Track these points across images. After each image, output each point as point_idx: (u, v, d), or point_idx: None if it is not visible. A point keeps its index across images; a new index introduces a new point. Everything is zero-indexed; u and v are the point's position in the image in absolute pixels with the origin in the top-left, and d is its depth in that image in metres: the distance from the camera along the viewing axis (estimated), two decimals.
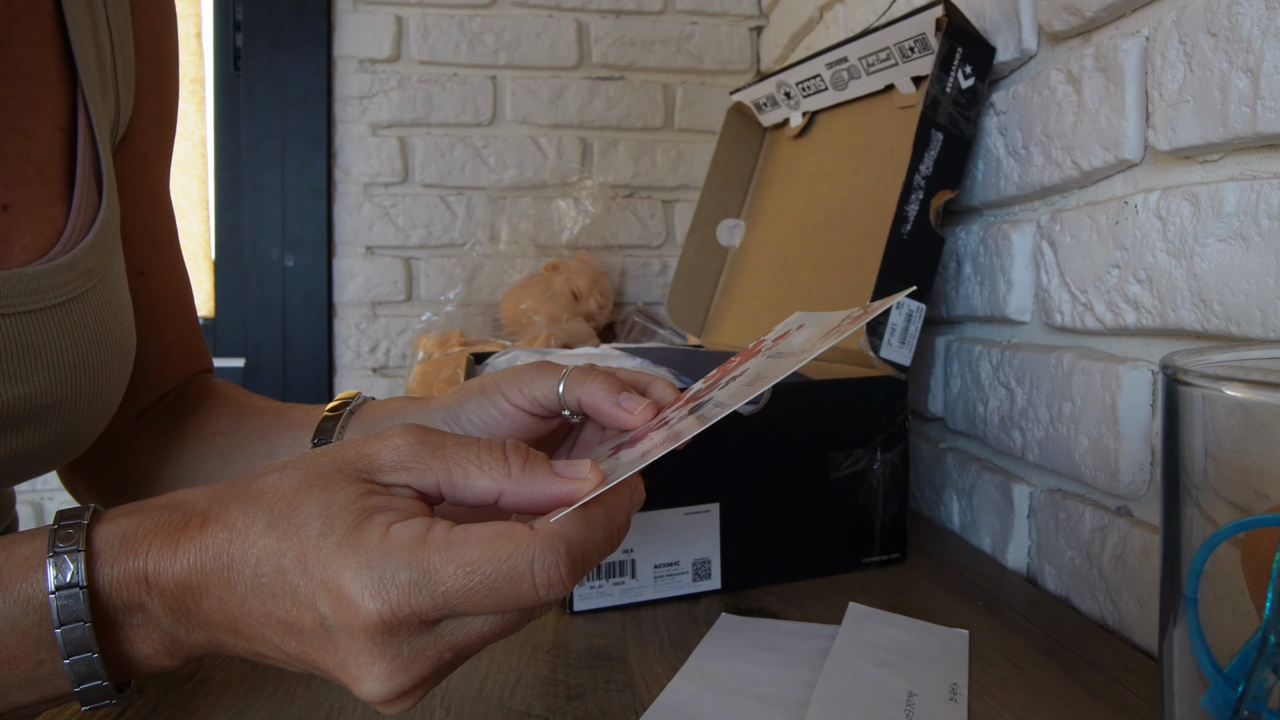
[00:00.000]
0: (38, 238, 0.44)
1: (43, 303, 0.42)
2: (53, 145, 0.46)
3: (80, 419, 0.45)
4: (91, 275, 0.45)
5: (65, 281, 0.43)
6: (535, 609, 0.31)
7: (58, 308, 0.43)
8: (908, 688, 0.44)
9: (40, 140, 0.45)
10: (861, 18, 1.00)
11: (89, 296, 0.45)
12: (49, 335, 0.42)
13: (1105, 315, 0.56)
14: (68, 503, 1.55)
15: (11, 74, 0.44)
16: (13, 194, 0.43)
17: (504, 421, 0.44)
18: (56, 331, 0.43)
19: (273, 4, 1.40)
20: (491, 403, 0.44)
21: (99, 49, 0.49)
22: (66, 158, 0.46)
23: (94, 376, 0.45)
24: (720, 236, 0.99)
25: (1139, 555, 0.53)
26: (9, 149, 0.43)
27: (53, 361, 0.42)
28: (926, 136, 0.66)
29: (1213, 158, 0.48)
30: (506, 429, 0.44)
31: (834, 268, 0.78)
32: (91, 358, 0.45)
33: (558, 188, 1.47)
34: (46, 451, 0.44)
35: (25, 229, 0.43)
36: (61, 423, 0.44)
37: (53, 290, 0.42)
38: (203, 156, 1.45)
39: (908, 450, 0.64)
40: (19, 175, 0.44)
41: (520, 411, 0.44)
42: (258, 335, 1.44)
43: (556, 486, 0.33)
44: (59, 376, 0.43)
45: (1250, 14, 0.44)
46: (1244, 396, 0.26)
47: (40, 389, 0.42)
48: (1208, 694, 0.27)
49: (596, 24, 1.48)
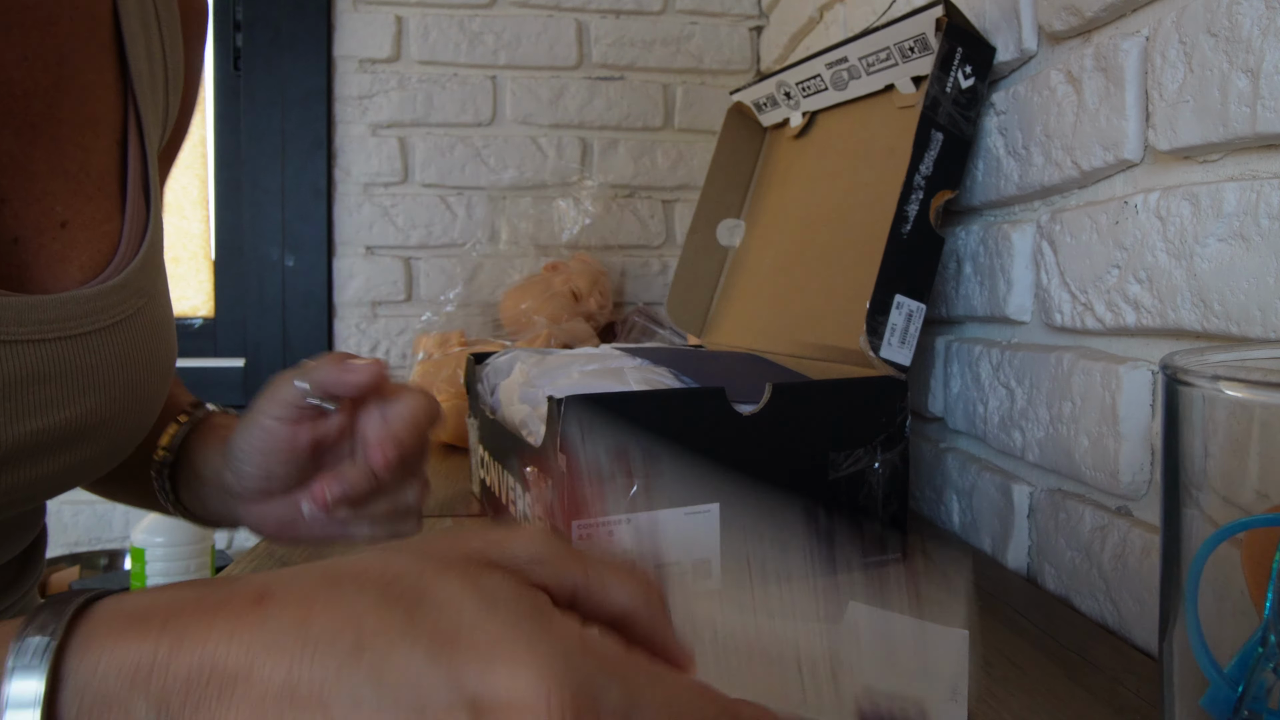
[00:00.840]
0: (94, 255, 0.43)
1: (98, 324, 0.41)
2: (110, 159, 0.45)
3: (124, 434, 0.45)
4: (143, 294, 0.45)
5: (120, 301, 0.43)
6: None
7: (111, 328, 0.42)
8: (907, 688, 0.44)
9: (98, 154, 0.45)
10: (861, 18, 1.00)
11: (140, 315, 0.44)
12: (101, 356, 0.42)
13: (1105, 315, 0.56)
14: (68, 502, 1.54)
15: (71, 87, 0.43)
16: (71, 210, 0.43)
17: (266, 438, 0.44)
18: (109, 351, 0.42)
19: (273, 4, 1.40)
20: (254, 424, 0.45)
21: (151, 61, 0.49)
22: (120, 170, 0.46)
23: (142, 392, 0.45)
24: (720, 236, 0.99)
25: (1139, 555, 0.53)
26: (70, 165, 0.43)
27: (104, 381, 0.42)
28: (926, 136, 0.66)
29: (1213, 158, 0.48)
30: (270, 444, 0.44)
31: (834, 268, 0.78)
32: (140, 375, 0.45)
33: (558, 188, 1.47)
34: (88, 466, 0.44)
35: (82, 246, 0.43)
36: (107, 439, 0.44)
37: (107, 311, 0.42)
38: (203, 156, 1.45)
39: (908, 450, 0.64)
40: (79, 191, 0.43)
41: (276, 422, 0.44)
42: (258, 335, 1.43)
43: (673, 639, 0.28)
44: (110, 395, 0.42)
45: (1250, 14, 0.44)
46: (1244, 396, 0.26)
47: (91, 409, 0.42)
48: (1208, 694, 0.27)
49: (596, 24, 1.48)
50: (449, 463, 1.06)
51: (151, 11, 0.49)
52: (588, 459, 0.55)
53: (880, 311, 0.64)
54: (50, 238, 0.42)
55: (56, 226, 0.42)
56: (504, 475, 0.70)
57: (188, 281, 1.48)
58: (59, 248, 0.42)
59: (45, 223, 0.42)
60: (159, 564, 1.25)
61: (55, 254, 0.42)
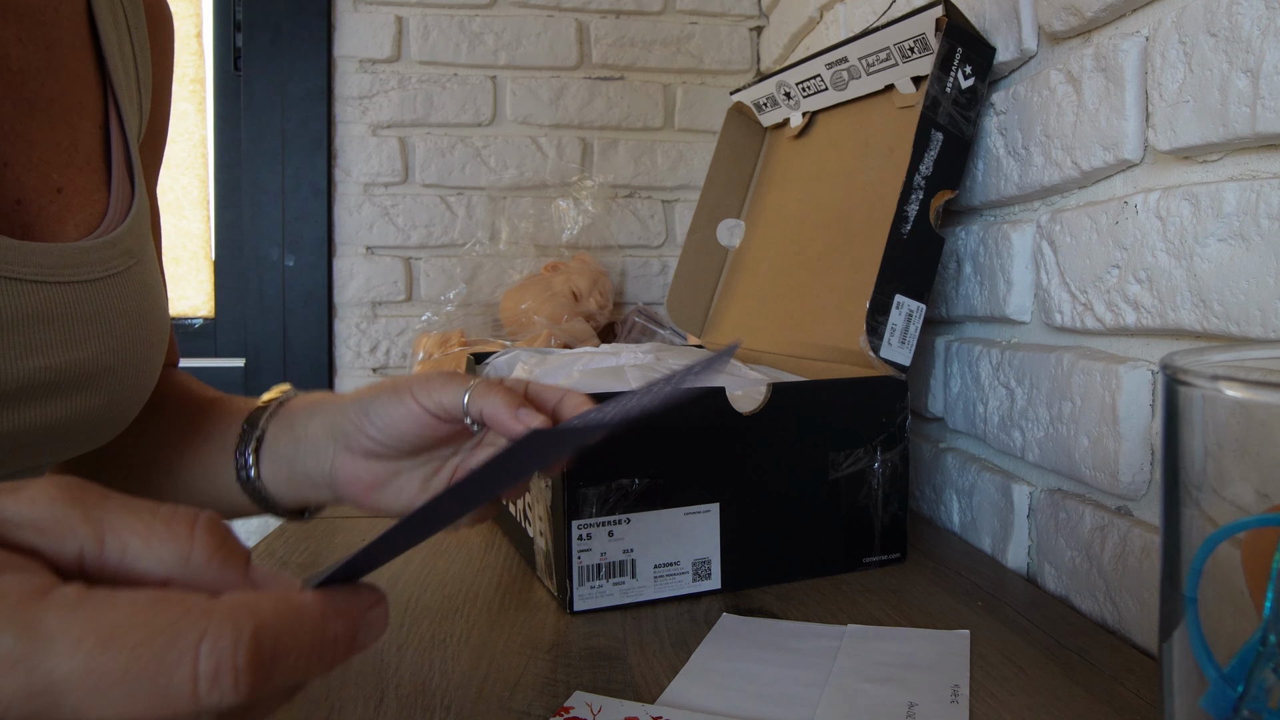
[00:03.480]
0: (86, 218, 0.48)
1: (93, 274, 0.46)
2: (94, 140, 0.50)
3: (126, 388, 0.49)
4: (131, 254, 0.49)
5: (111, 257, 0.47)
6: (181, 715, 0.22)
7: (105, 280, 0.47)
8: (908, 699, 0.44)
9: (85, 134, 0.50)
10: (861, 18, 1.00)
11: (130, 273, 0.49)
12: (98, 305, 0.46)
13: (1105, 315, 0.56)
14: None
15: (61, 72, 0.48)
16: (66, 179, 0.48)
17: (409, 419, 0.47)
18: (104, 302, 0.46)
19: (273, 4, 1.40)
20: (401, 401, 0.47)
21: (123, 57, 0.53)
22: (103, 152, 0.51)
23: (138, 349, 0.49)
24: (720, 236, 0.99)
25: (1139, 555, 0.53)
26: (62, 139, 0.48)
27: (103, 330, 0.46)
28: (926, 136, 0.66)
29: (1213, 158, 0.48)
30: (410, 426, 0.47)
31: (834, 268, 0.78)
32: (136, 330, 0.49)
33: (558, 188, 1.47)
34: (97, 420, 0.47)
35: (76, 210, 0.48)
36: (110, 391, 0.47)
37: (100, 264, 0.47)
38: (203, 156, 1.45)
39: (908, 450, 0.64)
40: (70, 163, 0.48)
41: (425, 413, 0.46)
42: (258, 335, 1.43)
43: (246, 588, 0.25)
44: (108, 345, 0.47)
45: (1250, 14, 0.44)
46: (1244, 396, 0.26)
47: (93, 355, 0.46)
48: (1208, 694, 0.27)
49: (596, 24, 1.48)
50: None
51: (122, 17, 0.53)
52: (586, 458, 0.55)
53: (880, 311, 0.64)
54: (49, 200, 0.47)
55: (54, 192, 0.47)
56: None
57: (188, 281, 1.48)
58: (56, 210, 0.47)
59: (44, 187, 0.46)
60: None
61: (53, 215, 0.47)
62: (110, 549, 0.24)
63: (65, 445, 0.47)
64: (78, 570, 0.24)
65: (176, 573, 0.25)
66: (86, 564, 0.24)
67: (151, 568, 0.25)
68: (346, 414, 0.49)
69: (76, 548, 0.24)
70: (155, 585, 0.24)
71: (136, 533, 0.25)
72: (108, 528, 0.25)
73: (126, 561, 0.24)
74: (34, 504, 0.24)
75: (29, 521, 0.24)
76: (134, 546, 0.24)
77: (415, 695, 0.45)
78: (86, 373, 0.45)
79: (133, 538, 0.25)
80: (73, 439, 0.47)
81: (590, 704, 0.44)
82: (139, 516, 0.25)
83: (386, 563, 0.29)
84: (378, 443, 0.48)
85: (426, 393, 0.46)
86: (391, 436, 0.48)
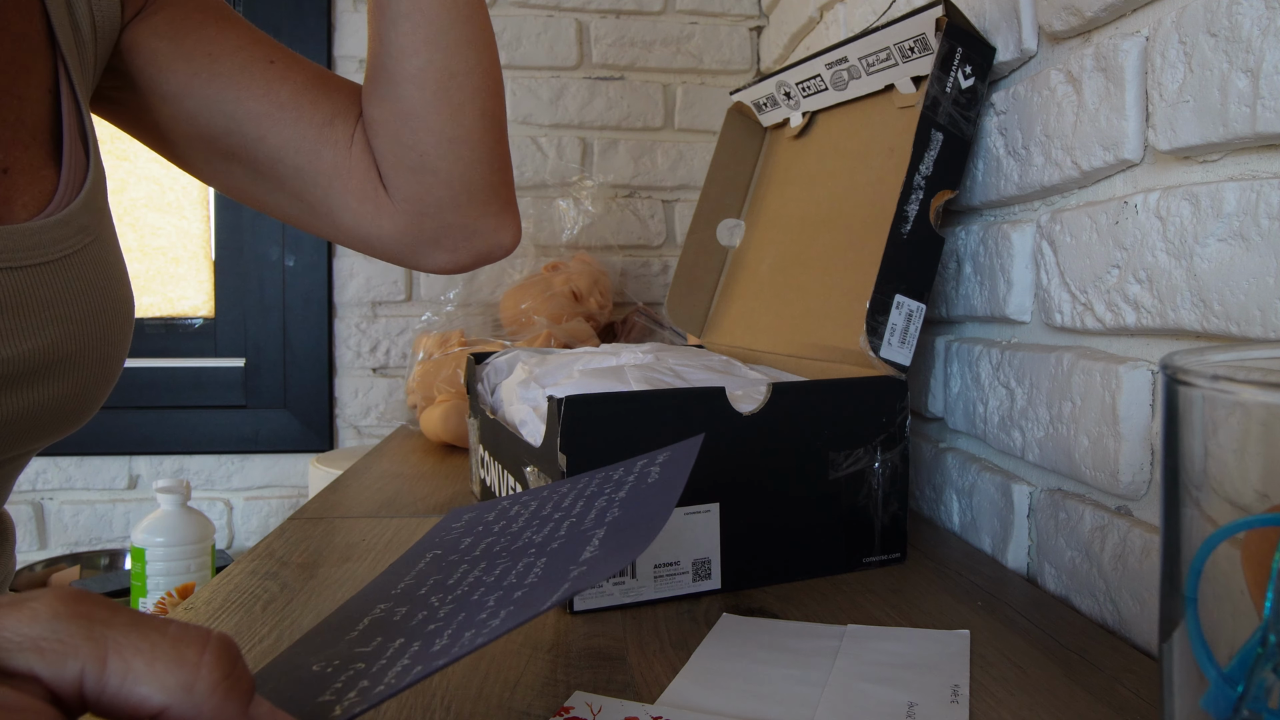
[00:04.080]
0: (36, 197, 0.45)
1: (46, 256, 0.43)
2: (42, 108, 0.47)
3: (90, 375, 0.47)
4: (88, 232, 0.46)
5: (64, 237, 0.45)
6: None
7: (60, 262, 0.44)
8: (908, 699, 0.44)
9: (32, 104, 0.46)
10: (861, 18, 1.00)
11: (87, 252, 0.46)
12: (54, 289, 0.44)
13: (1105, 315, 0.56)
14: (69, 502, 1.54)
15: (3, 38, 0.45)
16: (11, 158, 0.45)
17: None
18: (61, 285, 0.44)
19: (273, 4, 1.40)
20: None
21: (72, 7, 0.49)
22: (53, 120, 0.47)
23: (100, 333, 0.47)
24: (720, 236, 0.99)
25: (1139, 555, 0.53)
26: (6, 114, 0.45)
27: (60, 315, 0.44)
28: (926, 136, 0.66)
29: (1213, 158, 0.48)
30: None
31: (834, 268, 0.78)
32: (96, 313, 0.46)
33: (558, 188, 1.47)
34: (62, 409, 0.45)
35: (24, 189, 0.45)
36: (72, 379, 0.45)
37: (54, 245, 0.44)
38: None
39: (908, 450, 0.64)
40: (15, 140, 0.45)
41: None
42: (258, 335, 1.44)
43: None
44: (67, 331, 0.44)
45: (1250, 14, 0.44)
46: (1244, 396, 0.26)
47: (51, 342, 0.43)
48: (1208, 694, 0.27)
49: (596, 24, 1.48)
50: (449, 463, 1.06)
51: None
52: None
53: (880, 311, 0.64)
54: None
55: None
56: (504, 475, 0.70)
57: (188, 281, 1.48)
58: (2, 191, 0.44)
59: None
60: (159, 564, 1.25)
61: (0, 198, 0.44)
62: (112, 670, 0.23)
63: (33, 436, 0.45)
64: (77, 692, 0.23)
65: (177, 700, 0.24)
66: (86, 686, 0.23)
67: (153, 692, 0.24)
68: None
69: (77, 669, 0.23)
70: (148, 714, 0.24)
71: (141, 654, 0.24)
72: (111, 647, 0.24)
73: (128, 684, 0.24)
74: (35, 620, 0.23)
75: (29, 640, 0.23)
76: (137, 669, 0.24)
77: (415, 695, 0.45)
78: (45, 361, 0.43)
79: (136, 659, 0.24)
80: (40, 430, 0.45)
81: (590, 704, 0.44)
82: (145, 636, 0.24)
83: None
84: None
85: None
86: None
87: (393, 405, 1.48)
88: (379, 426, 1.48)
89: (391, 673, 0.32)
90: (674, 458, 0.43)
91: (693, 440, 0.43)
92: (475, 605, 0.35)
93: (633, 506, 0.39)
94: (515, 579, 0.36)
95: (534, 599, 0.33)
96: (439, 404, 1.13)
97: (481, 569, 0.39)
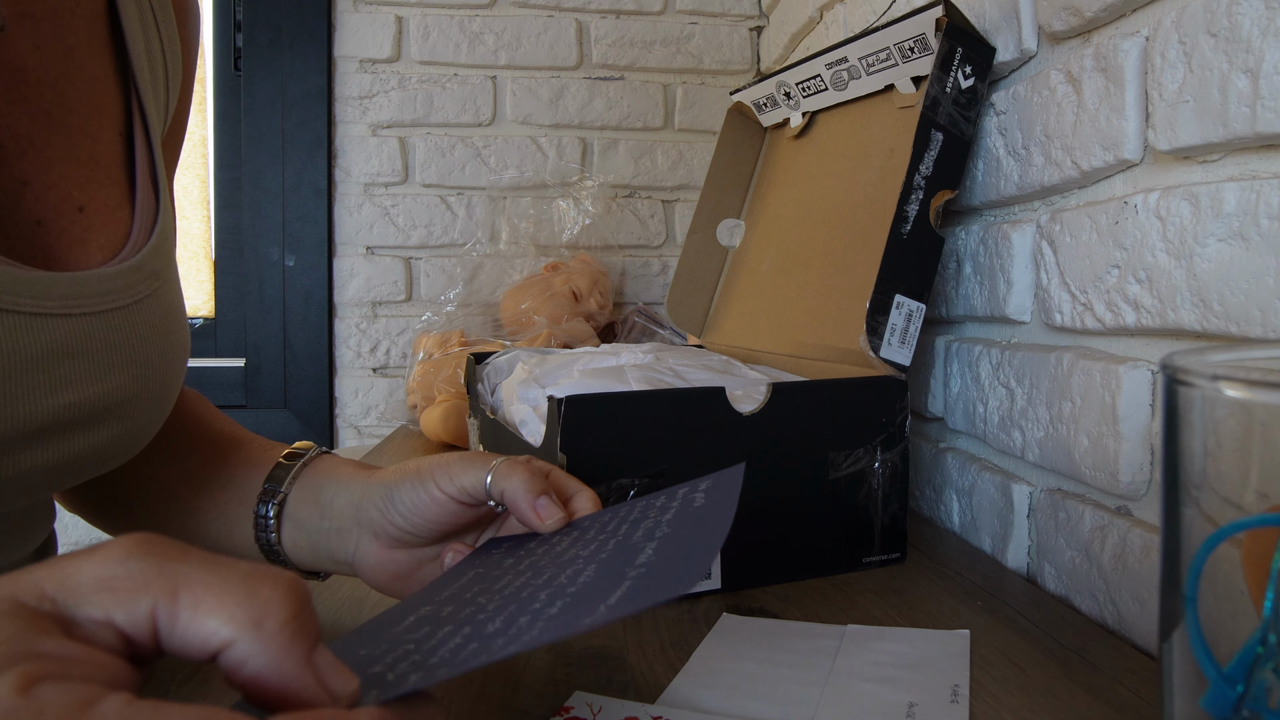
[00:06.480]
0: (110, 239, 0.46)
1: (118, 302, 0.44)
2: (115, 149, 0.47)
3: (146, 415, 0.47)
4: (157, 276, 0.47)
5: (137, 282, 0.45)
6: None
7: (131, 307, 0.45)
8: (908, 699, 0.44)
9: (105, 144, 0.47)
10: (861, 18, 1.00)
11: (156, 296, 0.47)
12: (124, 334, 0.44)
13: (1105, 315, 0.56)
14: None
15: (79, 78, 0.45)
16: (87, 196, 0.45)
17: (434, 507, 0.46)
18: (129, 330, 0.44)
19: (273, 4, 1.40)
20: (424, 488, 0.46)
21: (150, 54, 0.50)
22: (126, 161, 0.48)
23: (161, 374, 0.47)
24: (720, 236, 0.99)
25: (1139, 555, 0.53)
26: (81, 153, 0.45)
27: (127, 359, 0.44)
28: (926, 136, 0.66)
29: (1212, 158, 0.48)
30: (436, 514, 0.46)
31: (834, 268, 0.78)
32: (160, 355, 0.47)
33: (558, 188, 1.47)
34: (112, 448, 0.45)
35: (99, 230, 0.45)
36: (131, 419, 0.46)
37: (126, 290, 0.44)
38: (203, 156, 1.45)
39: (908, 450, 0.64)
40: (91, 178, 0.45)
41: (449, 499, 0.46)
42: (258, 335, 1.43)
43: (311, 682, 0.24)
44: (134, 374, 0.45)
45: (1250, 14, 0.44)
46: (1244, 396, 0.26)
47: (119, 385, 0.44)
48: (1208, 694, 0.27)
49: (596, 24, 1.48)
50: None
51: (148, 9, 0.51)
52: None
53: (880, 311, 0.64)
54: (70, 221, 0.44)
55: (75, 211, 0.44)
56: None
57: (188, 281, 1.48)
58: (79, 231, 0.44)
59: (64, 206, 0.44)
60: None
61: (75, 237, 0.44)
62: (183, 604, 0.24)
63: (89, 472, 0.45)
64: (150, 631, 0.24)
65: (246, 634, 0.24)
66: (160, 622, 0.24)
67: (220, 625, 0.24)
68: (372, 499, 0.48)
69: (150, 605, 0.24)
70: (213, 649, 0.24)
71: (211, 589, 0.24)
72: (183, 582, 0.24)
73: (199, 618, 0.24)
74: (108, 561, 0.24)
75: (103, 581, 0.23)
76: (207, 602, 0.24)
77: (414, 695, 0.45)
78: (112, 403, 0.43)
79: (207, 593, 0.24)
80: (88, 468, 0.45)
81: (590, 704, 0.44)
82: (216, 571, 0.24)
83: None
84: (403, 530, 0.47)
85: (449, 477, 0.46)
86: (416, 525, 0.47)
87: (393, 405, 1.48)
88: (379, 426, 1.48)
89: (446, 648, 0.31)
90: (718, 484, 0.44)
91: (735, 469, 0.43)
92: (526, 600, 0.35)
93: (683, 526, 0.39)
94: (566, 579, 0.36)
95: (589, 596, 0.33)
96: (439, 404, 1.13)
97: (527, 576, 0.39)
